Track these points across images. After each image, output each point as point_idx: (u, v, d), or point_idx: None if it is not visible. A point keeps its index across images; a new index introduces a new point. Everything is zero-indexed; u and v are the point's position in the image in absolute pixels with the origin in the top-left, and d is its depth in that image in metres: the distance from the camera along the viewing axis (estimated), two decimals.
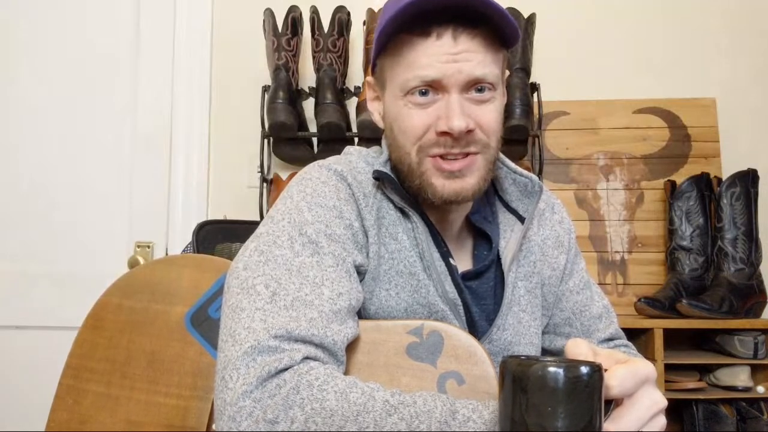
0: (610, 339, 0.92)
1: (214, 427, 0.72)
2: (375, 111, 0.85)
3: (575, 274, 0.92)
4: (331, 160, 0.81)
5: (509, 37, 0.75)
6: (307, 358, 0.61)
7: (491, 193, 0.89)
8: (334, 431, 0.55)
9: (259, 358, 0.59)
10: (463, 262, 0.85)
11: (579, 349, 0.53)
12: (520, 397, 0.46)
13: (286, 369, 0.59)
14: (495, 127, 0.77)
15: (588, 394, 0.46)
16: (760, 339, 1.48)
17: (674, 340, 1.58)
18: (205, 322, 0.81)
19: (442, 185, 0.76)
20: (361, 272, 0.76)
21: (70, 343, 0.83)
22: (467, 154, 0.75)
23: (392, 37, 0.75)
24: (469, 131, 0.73)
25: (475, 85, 0.74)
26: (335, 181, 0.77)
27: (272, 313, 0.62)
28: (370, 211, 0.78)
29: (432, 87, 0.74)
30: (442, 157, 0.75)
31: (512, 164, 0.87)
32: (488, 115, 0.75)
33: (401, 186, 0.80)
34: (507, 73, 0.84)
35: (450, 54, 0.72)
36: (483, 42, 0.73)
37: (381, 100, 0.83)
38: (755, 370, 1.50)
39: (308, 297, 0.65)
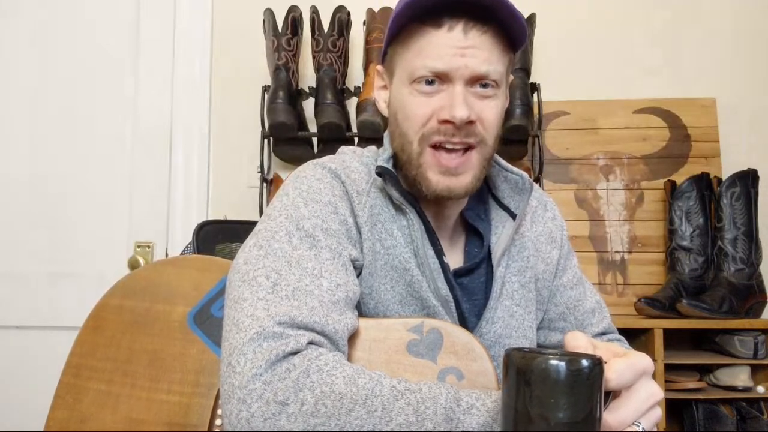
0: (603, 333, 0.94)
1: (221, 411, 0.73)
2: (381, 99, 0.87)
3: (568, 270, 0.94)
4: (326, 159, 0.83)
5: (517, 37, 0.77)
6: (311, 343, 0.63)
7: (484, 190, 0.91)
8: (342, 414, 0.57)
9: (265, 343, 0.60)
10: (455, 259, 0.87)
11: (578, 341, 0.54)
12: (524, 389, 0.47)
13: (293, 353, 0.60)
14: (494, 123, 0.79)
15: (589, 387, 0.47)
16: (760, 339, 1.48)
17: (674, 340, 1.58)
18: (207, 321, 0.81)
19: (436, 181, 0.78)
20: (356, 267, 0.78)
21: (70, 343, 0.83)
22: (465, 148, 0.77)
23: (405, 25, 0.77)
24: (470, 122, 0.75)
25: (480, 80, 0.76)
26: (330, 178, 0.79)
27: (274, 302, 0.64)
28: (363, 209, 0.80)
29: (438, 77, 0.76)
30: (442, 146, 0.77)
31: (503, 162, 0.90)
32: (489, 110, 0.77)
33: (401, 183, 0.82)
34: (511, 77, 0.86)
35: (459, 47, 0.74)
36: (492, 39, 0.76)
37: (388, 89, 0.85)
38: (755, 370, 1.50)
39: (308, 287, 0.66)
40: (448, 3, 0.73)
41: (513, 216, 0.87)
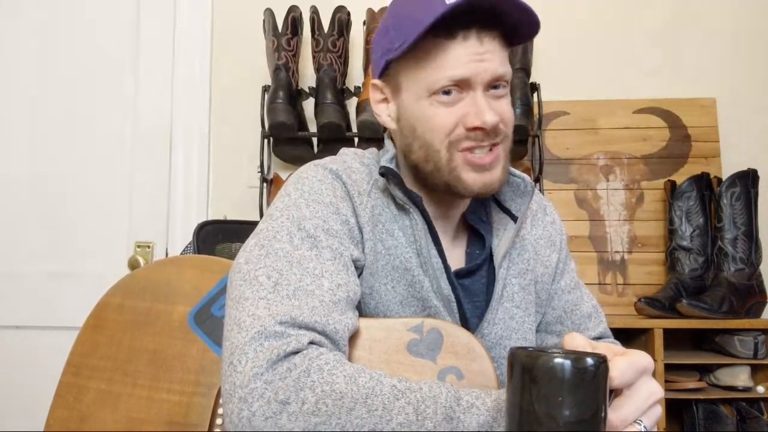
0: (599, 338, 0.94)
1: (221, 410, 0.73)
2: (382, 113, 0.86)
3: (566, 274, 0.95)
4: (327, 160, 0.84)
5: (525, 31, 0.78)
6: (312, 343, 0.63)
7: None
8: (343, 413, 0.57)
9: (267, 342, 0.61)
10: (456, 260, 0.87)
11: (575, 341, 0.54)
12: (530, 387, 0.47)
13: (294, 353, 0.61)
14: (512, 119, 0.81)
15: (595, 385, 0.47)
16: (760, 339, 1.48)
17: (674, 340, 1.58)
18: (208, 320, 0.81)
19: (473, 179, 0.78)
20: (357, 267, 0.78)
21: (70, 343, 0.83)
22: (493, 146, 0.78)
23: (416, 41, 0.76)
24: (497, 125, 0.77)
25: (496, 82, 0.77)
26: (331, 179, 0.80)
27: (275, 301, 0.64)
28: (364, 209, 0.80)
29: (457, 85, 0.76)
30: (471, 150, 0.78)
31: None
32: (506, 108, 0.80)
33: (404, 183, 0.82)
34: None
35: (477, 54, 0.75)
36: (501, 42, 0.77)
37: (389, 102, 0.84)
38: (755, 370, 1.50)
39: (309, 287, 0.66)
40: (459, 14, 0.73)
41: (514, 218, 0.87)
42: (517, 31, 0.78)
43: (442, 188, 0.81)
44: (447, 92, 0.76)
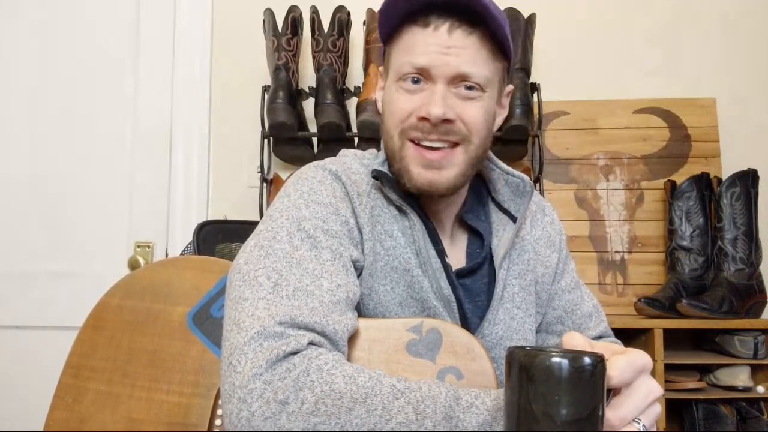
0: (600, 337, 0.95)
1: (220, 411, 0.73)
2: (379, 100, 0.88)
3: (566, 274, 0.95)
4: (327, 161, 0.84)
5: (503, 43, 0.78)
6: (311, 343, 0.63)
7: (484, 194, 0.92)
8: (343, 413, 0.57)
9: (266, 343, 0.60)
10: (457, 260, 0.87)
11: (575, 341, 0.54)
12: (528, 386, 0.47)
13: (293, 353, 0.60)
14: (479, 123, 0.79)
15: (592, 384, 0.47)
16: (760, 339, 1.48)
17: (674, 340, 1.58)
18: (207, 321, 0.81)
19: (418, 173, 0.79)
20: (357, 267, 0.78)
21: (71, 343, 0.83)
22: (452, 144, 0.78)
23: (397, 26, 0.79)
24: (448, 121, 0.76)
25: (462, 81, 0.77)
26: (331, 180, 0.80)
27: (275, 302, 0.64)
28: (364, 210, 0.80)
29: (422, 76, 0.78)
30: (420, 142, 0.78)
31: (504, 165, 0.90)
32: (472, 111, 0.78)
33: (398, 185, 0.83)
34: (511, 87, 0.87)
35: (443, 46, 0.76)
36: (478, 42, 0.77)
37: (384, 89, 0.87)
38: (755, 370, 1.50)
39: (309, 287, 0.67)
40: (435, 4, 0.75)
41: (513, 219, 0.87)
42: (498, 37, 0.77)
43: (397, 177, 0.81)
44: (416, 81, 0.78)
